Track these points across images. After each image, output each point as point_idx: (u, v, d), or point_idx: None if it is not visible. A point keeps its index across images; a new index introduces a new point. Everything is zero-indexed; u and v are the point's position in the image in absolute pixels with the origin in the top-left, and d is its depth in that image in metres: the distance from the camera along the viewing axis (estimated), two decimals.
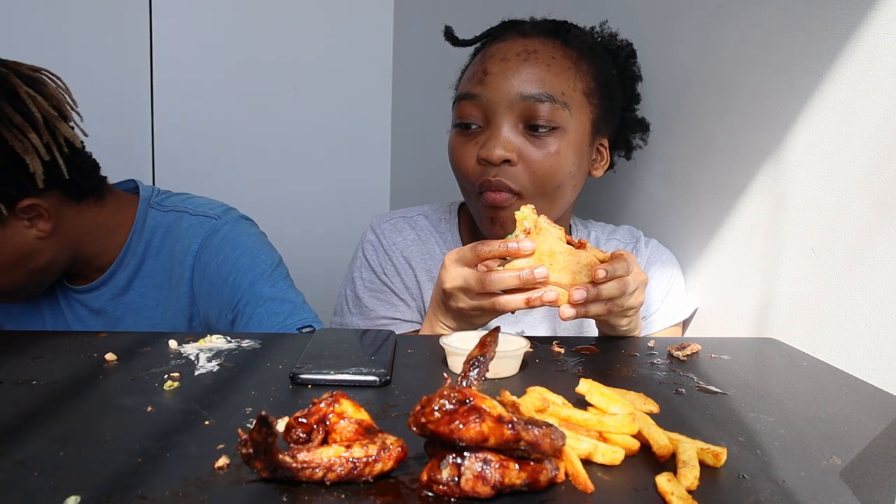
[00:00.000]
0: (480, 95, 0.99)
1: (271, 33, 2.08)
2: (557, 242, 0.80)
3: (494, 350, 0.54)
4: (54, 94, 1.02)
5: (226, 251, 1.10)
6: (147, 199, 1.15)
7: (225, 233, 1.11)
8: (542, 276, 0.78)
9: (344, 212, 2.17)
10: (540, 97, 0.97)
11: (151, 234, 1.13)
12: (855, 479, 0.51)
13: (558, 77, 0.99)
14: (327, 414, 0.50)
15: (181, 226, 1.13)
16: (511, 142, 0.97)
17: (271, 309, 1.07)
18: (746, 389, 0.70)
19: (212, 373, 0.69)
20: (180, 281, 1.11)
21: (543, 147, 0.98)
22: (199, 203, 1.17)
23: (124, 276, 1.12)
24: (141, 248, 1.12)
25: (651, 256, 1.11)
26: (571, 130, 1.00)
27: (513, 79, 0.98)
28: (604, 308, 0.80)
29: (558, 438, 0.47)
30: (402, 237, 1.13)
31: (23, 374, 0.67)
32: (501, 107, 0.98)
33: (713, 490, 0.49)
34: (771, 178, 0.95)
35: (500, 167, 0.97)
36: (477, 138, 1.01)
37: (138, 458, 0.50)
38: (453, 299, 0.84)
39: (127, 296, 1.13)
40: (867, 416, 0.64)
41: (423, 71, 2.06)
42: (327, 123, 2.17)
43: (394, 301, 1.10)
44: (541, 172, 0.98)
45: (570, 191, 1.03)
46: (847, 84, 0.83)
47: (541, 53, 1.00)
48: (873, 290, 0.79)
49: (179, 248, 1.11)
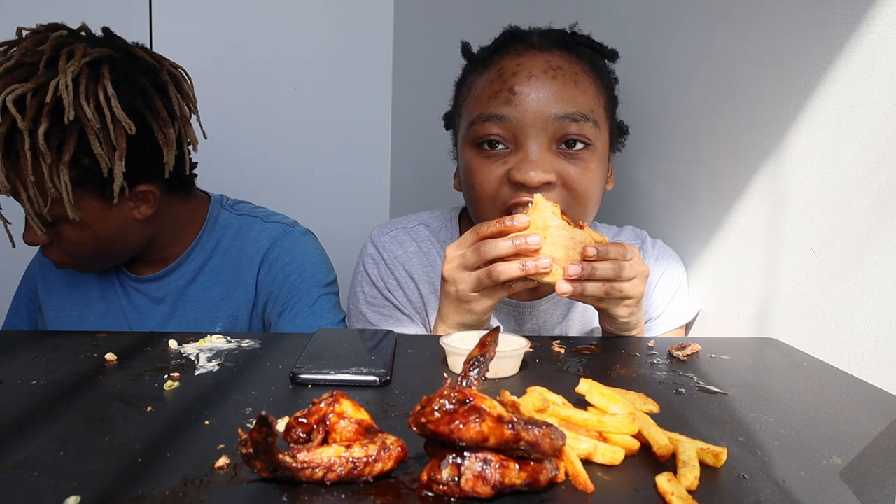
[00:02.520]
0: (509, 116, 0.94)
1: (271, 33, 2.08)
2: (551, 216, 0.82)
3: (494, 350, 0.54)
4: (188, 93, 1.12)
5: (293, 253, 1.19)
6: (219, 201, 1.25)
7: (295, 239, 1.21)
8: (535, 244, 0.80)
9: (344, 212, 2.17)
10: (574, 116, 0.93)
11: (222, 233, 1.21)
12: (855, 479, 0.51)
13: (585, 94, 0.96)
14: (327, 414, 0.50)
15: (253, 229, 1.21)
16: (549, 163, 0.93)
17: (318, 311, 1.15)
18: (746, 389, 0.70)
19: (212, 373, 0.69)
20: (247, 274, 1.18)
21: (579, 166, 0.95)
22: (271, 212, 1.27)
23: (191, 269, 1.19)
24: (210, 245, 1.20)
25: (659, 257, 1.11)
26: (600, 146, 0.98)
27: (544, 99, 0.93)
28: (600, 289, 0.81)
29: (558, 438, 0.47)
30: (402, 250, 1.11)
31: (23, 374, 0.67)
32: (535, 128, 0.93)
33: (713, 490, 0.49)
34: (771, 177, 0.95)
35: (539, 189, 0.92)
36: (504, 159, 0.95)
37: (138, 458, 0.50)
38: (453, 282, 0.84)
39: (191, 287, 1.19)
40: (867, 416, 0.64)
41: (423, 71, 2.06)
42: (327, 123, 2.17)
43: (398, 316, 1.08)
44: (580, 190, 0.95)
45: (597, 206, 1.02)
46: (847, 84, 0.83)
47: (565, 70, 0.96)
48: (873, 290, 0.79)
49: (250, 248, 1.20)
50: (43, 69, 0.97)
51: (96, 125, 0.98)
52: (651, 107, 1.21)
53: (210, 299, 1.19)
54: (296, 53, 2.10)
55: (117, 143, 1.00)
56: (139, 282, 1.19)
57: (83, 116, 0.97)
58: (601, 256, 0.80)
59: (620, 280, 0.81)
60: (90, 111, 0.97)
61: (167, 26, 1.99)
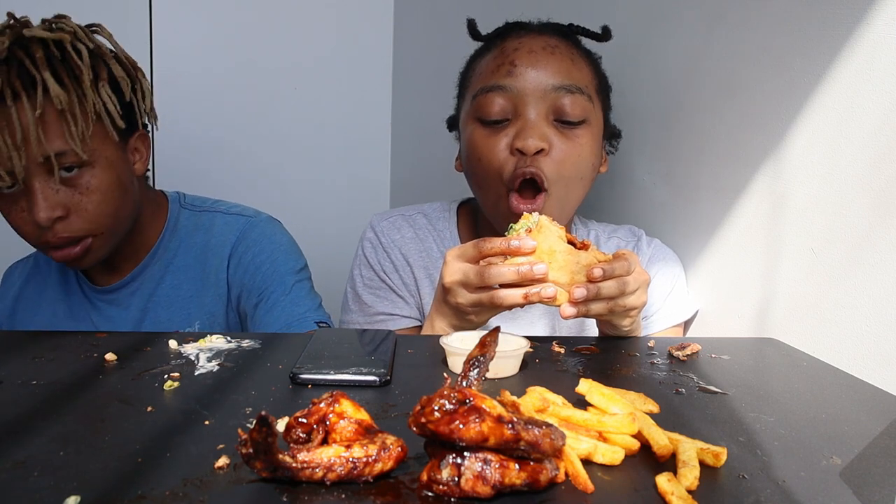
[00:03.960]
0: (510, 87, 1.00)
1: (271, 33, 2.08)
2: (557, 241, 0.80)
3: (494, 350, 0.54)
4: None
5: (262, 244, 1.17)
6: (177, 200, 1.23)
7: (262, 229, 1.19)
8: (540, 273, 0.78)
9: (344, 211, 2.17)
10: (570, 88, 1.00)
11: (184, 231, 1.20)
12: (855, 479, 0.51)
13: (581, 72, 1.03)
14: (327, 414, 0.50)
15: (215, 223, 1.20)
16: (545, 132, 0.99)
17: (295, 299, 1.13)
18: (746, 389, 0.70)
19: (212, 373, 0.69)
20: (217, 270, 1.17)
21: (572, 139, 1.00)
22: (231, 205, 1.25)
23: (157, 270, 1.18)
24: (174, 244, 1.18)
25: (653, 255, 1.11)
26: (595, 124, 1.03)
27: (543, 70, 1.00)
28: (605, 307, 0.80)
29: (558, 438, 0.47)
30: (400, 235, 1.14)
31: (23, 374, 0.67)
32: (534, 97, 0.99)
33: (713, 490, 0.49)
34: (771, 177, 0.95)
35: (535, 157, 0.98)
36: (505, 131, 1.01)
37: (138, 458, 0.50)
38: (452, 294, 0.84)
39: (160, 288, 1.17)
40: (867, 416, 0.64)
41: (423, 71, 2.06)
42: (327, 123, 2.17)
43: (392, 298, 1.12)
44: (569, 163, 1.00)
45: (588, 184, 1.06)
46: (846, 84, 0.83)
47: (563, 49, 1.03)
48: (873, 290, 0.79)
49: (215, 242, 1.18)
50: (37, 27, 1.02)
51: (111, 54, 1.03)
52: (651, 106, 1.21)
53: (180, 297, 1.16)
54: (296, 53, 2.10)
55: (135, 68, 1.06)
56: (105, 292, 1.17)
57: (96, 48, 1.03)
58: (607, 276, 0.79)
59: (625, 295, 0.80)
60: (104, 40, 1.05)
61: (167, 27, 1.99)
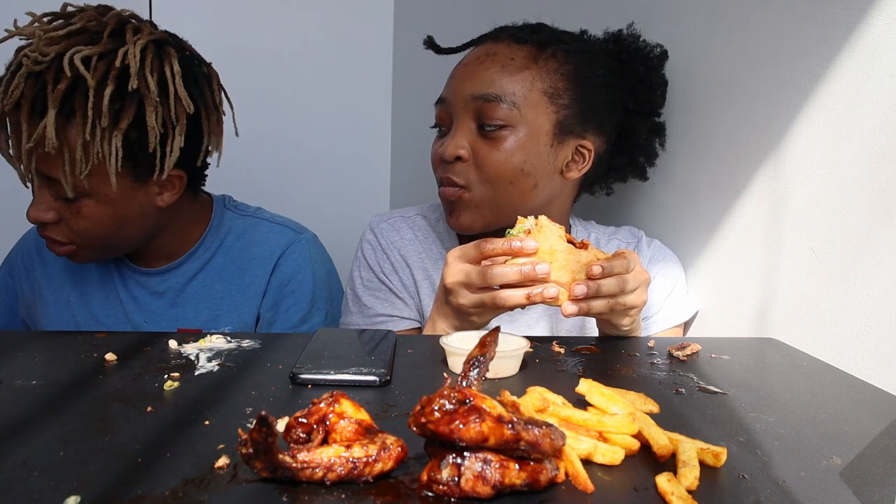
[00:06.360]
0: (445, 98, 1.06)
1: (271, 33, 2.08)
2: (558, 240, 0.81)
3: (494, 350, 0.54)
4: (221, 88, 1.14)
5: (302, 263, 1.22)
6: (222, 202, 1.26)
7: (305, 247, 1.23)
8: (543, 273, 0.79)
9: (344, 211, 2.16)
10: (487, 97, 1.00)
11: (226, 234, 1.23)
12: (855, 479, 0.51)
13: (512, 77, 1.01)
14: (327, 414, 0.50)
15: (259, 230, 1.23)
16: (462, 140, 1.02)
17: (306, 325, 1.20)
18: (746, 389, 0.70)
19: (212, 373, 0.69)
20: (256, 278, 1.20)
21: (493, 145, 1.01)
22: (274, 214, 1.29)
23: (194, 266, 1.20)
24: (215, 244, 1.21)
25: (654, 256, 1.11)
26: (523, 129, 1.01)
27: (467, 81, 1.03)
28: (605, 305, 0.81)
29: (558, 438, 0.47)
30: (399, 236, 1.15)
31: (23, 374, 0.67)
32: (458, 108, 1.03)
33: (713, 490, 0.49)
34: (771, 178, 0.95)
35: (452, 164, 1.03)
36: (443, 139, 1.06)
37: (138, 458, 0.50)
38: (454, 295, 0.84)
39: (191, 285, 1.20)
40: (867, 416, 0.64)
41: (423, 71, 2.05)
42: (327, 123, 2.16)
43: (392, 299, 1.11)
44: (487, 167, 1.01)
45: (528, 189, 1.03)
46: (847, 84, 0.83)
47: (499, 56, 1.03)
48: (873, 290, 0.79)
49: (257, 251, 1.21)
50: (107, 38, 1.00)
51: (156, 98, 1.00)
52: None
53: (211, 297, 1.19)
54: (295, 53, 2.10)
55: (178, 118, 1.03)
56: (141, 274, 1.19)
57: (144, 87, 1.00)
58: (606, 273, 0.80)
59: (625, 293, 0.81)
60: (153, 84, 1.00)
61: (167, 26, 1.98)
